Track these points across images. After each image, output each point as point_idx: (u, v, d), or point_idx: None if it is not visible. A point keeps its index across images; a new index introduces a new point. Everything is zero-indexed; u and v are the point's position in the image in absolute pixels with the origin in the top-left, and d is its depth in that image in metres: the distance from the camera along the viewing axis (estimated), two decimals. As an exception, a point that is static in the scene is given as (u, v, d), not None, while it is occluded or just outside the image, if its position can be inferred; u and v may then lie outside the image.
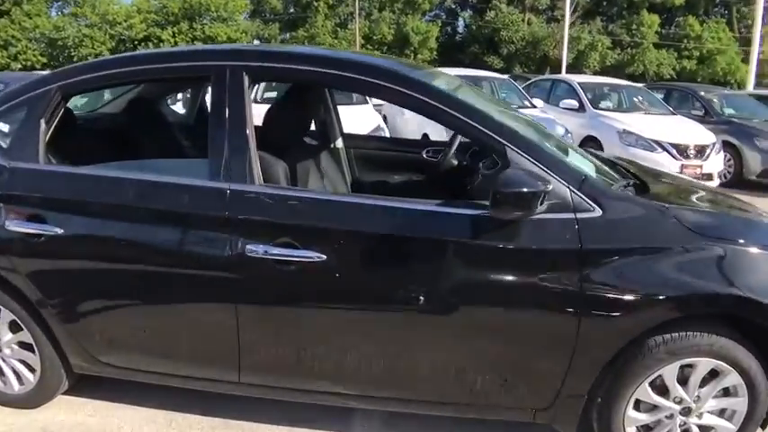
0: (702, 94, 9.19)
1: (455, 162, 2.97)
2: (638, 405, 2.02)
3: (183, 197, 2.04)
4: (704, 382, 1.99)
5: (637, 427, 2.05)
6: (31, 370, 2.35)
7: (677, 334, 1.88)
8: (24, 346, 2.32)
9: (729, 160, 7.93)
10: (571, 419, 2.02)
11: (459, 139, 2.94)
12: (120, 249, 2.10)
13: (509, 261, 1.89)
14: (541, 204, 1.80)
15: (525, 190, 1.73)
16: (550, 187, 1.81)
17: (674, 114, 8.34)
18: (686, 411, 2.02)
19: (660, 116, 8.15)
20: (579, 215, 1.84)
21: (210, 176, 2.02)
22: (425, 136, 6.79)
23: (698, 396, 2.00)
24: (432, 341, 2.01)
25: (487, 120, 1.98)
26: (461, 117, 1.95)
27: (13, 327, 2.30)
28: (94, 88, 2.49)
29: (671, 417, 2.03)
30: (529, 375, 1.99)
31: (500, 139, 1.92)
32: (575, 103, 8.30)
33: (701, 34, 36.03)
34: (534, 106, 8.19)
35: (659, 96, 9.37)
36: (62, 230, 2.08)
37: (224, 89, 2.03)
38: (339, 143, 3.26)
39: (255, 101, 7.22)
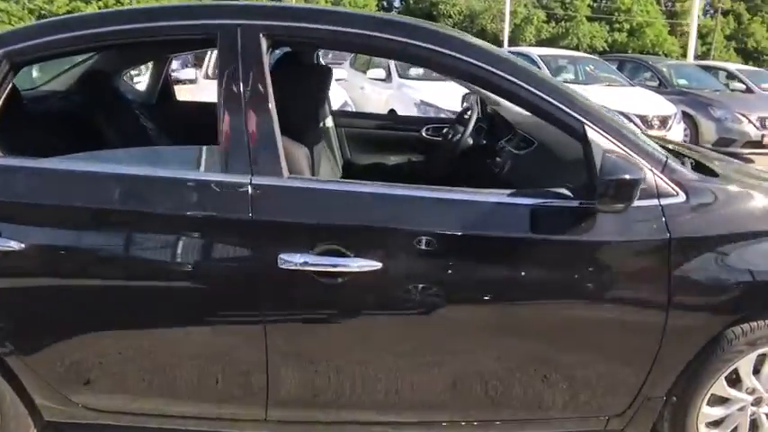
0: (657, 65, 9.33)
1: (471, 141, 2.67)
2: (711, 400, 1.86)
3: (189, 196, 1.59)
4: None
5: (706, 424, 1.90)
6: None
7: (756, 323, 1.72)
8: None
9: (686, 130, 8.07)
10: (646, 423, 1.83)
11: (477, 114, 2.63)
12: (103, 265, 1.62)
13: (595, 256, 1.64)
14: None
15: (628, 177, 1.45)
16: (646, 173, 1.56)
17: (633, 86, 8.28)
18: (757, 401, 1.89)
19: (621, 88, 8.10)
20: (664, 201, 1.60)
21: (224, 168, 1.59)
22: (392, 112, 6.48)
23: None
24: (509, 353, 1.72)
25: (560, 93, 1.66)
26: (532, 90, 1.61)
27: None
28: (56, 55, 1.89)
29: (742, 409, 1.89)
30: (610, 380, 1.76)
31: (579, 117, 1.61)
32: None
33: (630, 7, 37.32)
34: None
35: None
36: (20, 245, 1.55)
37: (235, 56, 1.59)
38: (329, 122, 2.91)
39: (207, 76, 6.65)
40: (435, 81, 7.08)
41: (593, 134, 1.59)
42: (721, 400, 1.88)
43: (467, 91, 6.87)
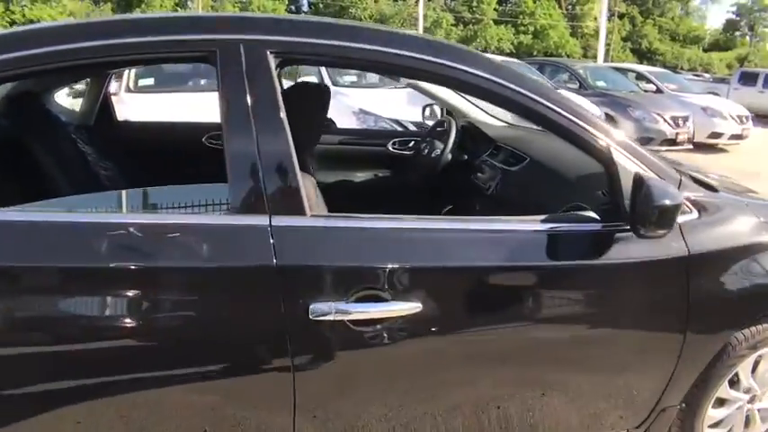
0: (574, 67, 9.74)
1: (450, 157, 2.60)
2: (715, 403, 1.92)
3: (198, 245, 1.34)
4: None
5: (709, 426, 1.97)
6: None
7: (756, 327, 1.80)
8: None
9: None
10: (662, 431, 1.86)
11: (456, 128, 2.56)
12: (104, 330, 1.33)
13: (625, 277, 1.62)
14: None
15: (670, 203, 1.41)
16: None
17: (558, 90, 8.30)
18: (752, 399, 1.98)
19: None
20: (680, 219, 1.59)
21: (237, 209, 1.38)
22: (329, 122, 6.33)
23: (761, 382, 1.97)
24: (548, 379, 1.66)
25: (582, 113, 1.60)
26: (555, 109, 1.54)
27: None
28: (14, 77, 1.58)
29: (739, 408, 1.97)
30: (631, 394, 1.77)
31: (604, 138, 1.56)
32: None
33: (534, 11, 39.10)
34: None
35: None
36: None
37: (240, 77, 1.37)
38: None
39: (129, 89, 6.19)
40: (370, 88, 6.89)
41: (618, 156, 1.56)
42: (723, 402, 1.94)
43: (405, 98, 6.75)
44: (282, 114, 1.40)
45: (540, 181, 2.12)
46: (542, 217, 1.56)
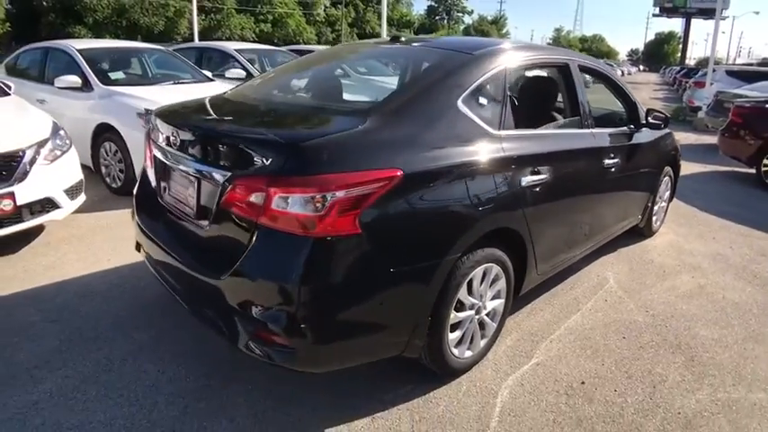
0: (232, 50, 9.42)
1: None
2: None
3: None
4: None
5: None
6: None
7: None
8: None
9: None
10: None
11: None
12: None
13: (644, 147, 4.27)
14: None
15: (663, 116, 4.24)
16: None
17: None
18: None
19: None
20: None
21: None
22: (107, 127, 5.71)
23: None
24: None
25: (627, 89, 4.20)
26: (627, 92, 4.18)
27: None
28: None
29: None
30: (645, 204, 4.75)
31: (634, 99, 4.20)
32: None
33: (271, 0, 41.89)
34: (212, 80, 7.22)
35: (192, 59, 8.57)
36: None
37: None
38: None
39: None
40: (148, 86, 6.31)
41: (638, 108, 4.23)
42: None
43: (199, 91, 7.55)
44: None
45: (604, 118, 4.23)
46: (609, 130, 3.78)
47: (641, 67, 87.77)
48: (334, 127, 2.28)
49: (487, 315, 2.74)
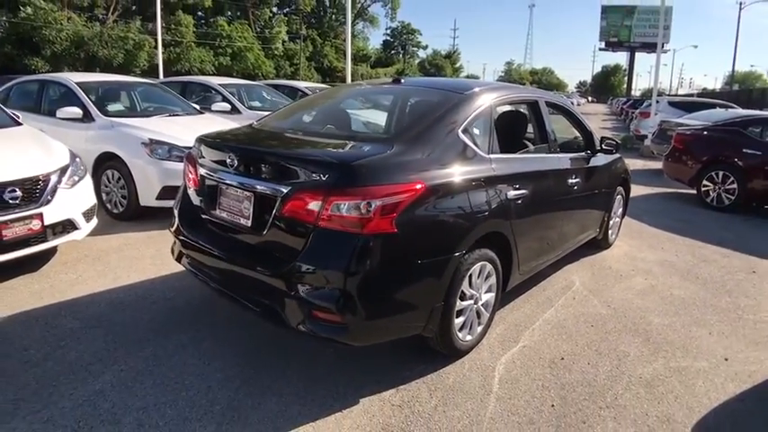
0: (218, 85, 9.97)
1: None
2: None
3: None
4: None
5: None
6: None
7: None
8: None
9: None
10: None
11: None
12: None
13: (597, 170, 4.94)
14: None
15: (614, 143, 4.91)
16: None
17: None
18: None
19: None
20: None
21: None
22: (110, 156, 6.09)
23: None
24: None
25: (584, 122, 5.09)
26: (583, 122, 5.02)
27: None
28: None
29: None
30: (601, 219, 5.88)
31: (589, 129, 5.00)
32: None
33: (230, 34, 42.37)
34: (201, 112, 7.66)
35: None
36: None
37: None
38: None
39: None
40: (146, 117, 6.63)
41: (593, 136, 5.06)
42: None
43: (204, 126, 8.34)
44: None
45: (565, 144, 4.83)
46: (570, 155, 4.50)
47: (590, 99, 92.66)
48: (371, 151, 2.82)
49: (483, 305, 3.29)
